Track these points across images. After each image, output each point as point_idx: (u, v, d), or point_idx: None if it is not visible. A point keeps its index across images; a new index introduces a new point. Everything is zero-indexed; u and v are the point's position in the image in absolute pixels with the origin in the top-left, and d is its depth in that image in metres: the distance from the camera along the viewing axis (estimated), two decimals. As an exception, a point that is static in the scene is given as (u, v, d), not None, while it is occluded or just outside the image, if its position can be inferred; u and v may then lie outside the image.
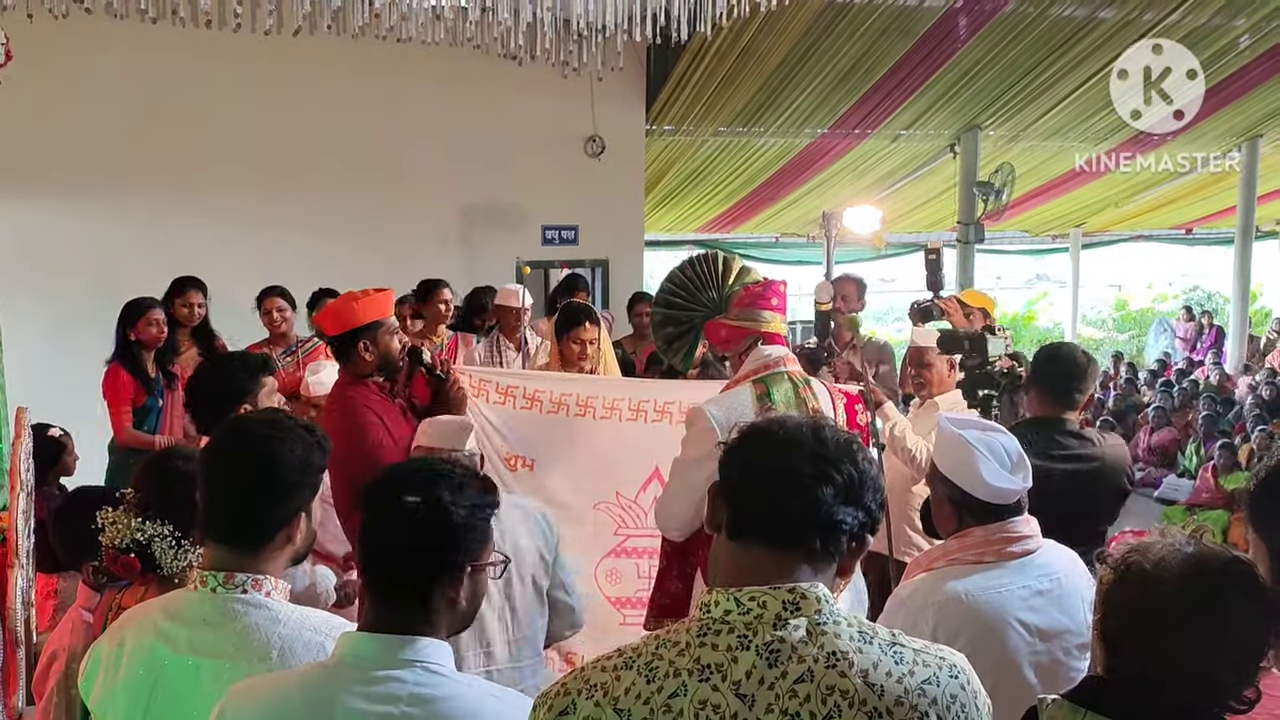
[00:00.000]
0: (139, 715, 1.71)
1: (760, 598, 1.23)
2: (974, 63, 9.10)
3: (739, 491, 1.32)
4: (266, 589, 1.74)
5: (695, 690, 1.19)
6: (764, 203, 12.85)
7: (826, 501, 1.27)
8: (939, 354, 4.09)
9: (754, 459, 1.32)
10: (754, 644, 1.20)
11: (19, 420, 3.60)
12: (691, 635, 1.24)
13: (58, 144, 7.22)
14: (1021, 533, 2.22)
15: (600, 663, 1.28)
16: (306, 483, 1.81)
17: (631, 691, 1.21)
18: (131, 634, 1.77)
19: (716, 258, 3.26)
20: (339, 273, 6.13)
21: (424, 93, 8.30)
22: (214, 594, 1.72)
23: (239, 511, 1.76)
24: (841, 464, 1.29)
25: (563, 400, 3.79)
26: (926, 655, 1.25)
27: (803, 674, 1.19)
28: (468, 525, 1.53)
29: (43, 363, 6.45)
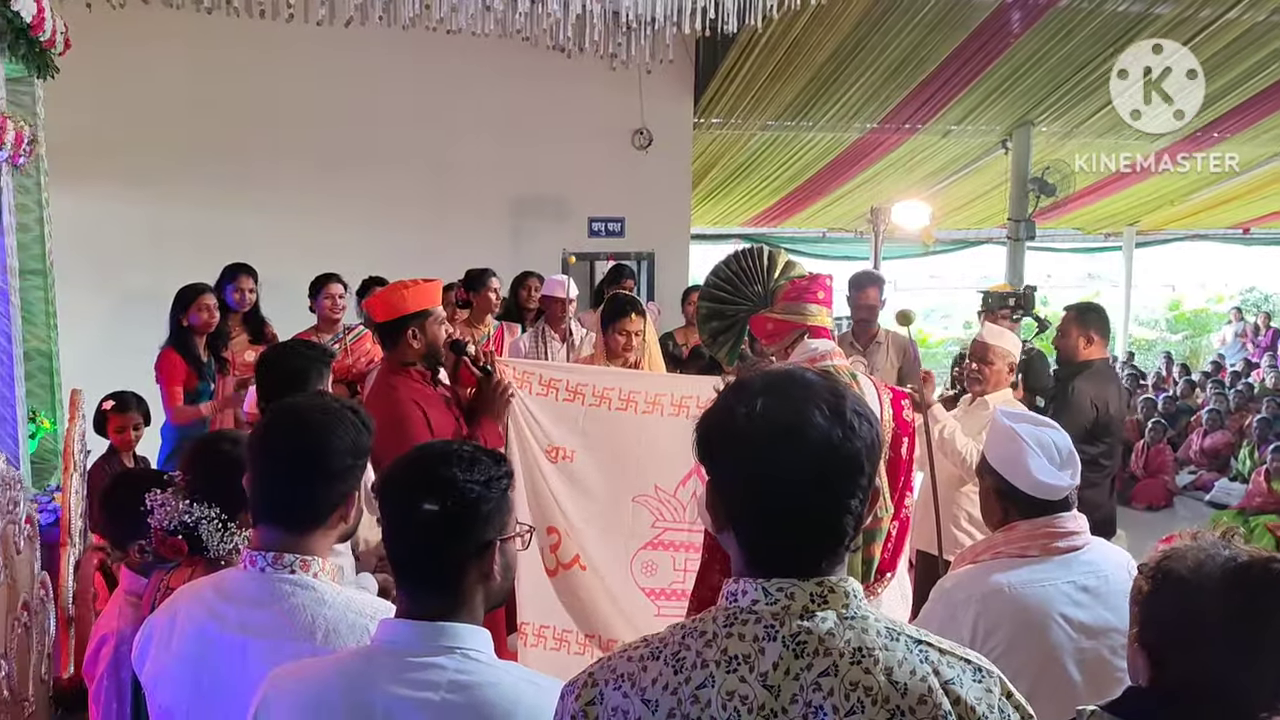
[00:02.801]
0: (189, 691, 1.74)
1: (789, 589, 1.22)
2: (1027, 57, 8.94)
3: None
4: (314, 570, 1.77)
5: (723, 681, 1.19)
6: (812, 197, 12.76)
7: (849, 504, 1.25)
8: (1003, 354, 4.06)
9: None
10: (781, 634, 1.20)
11: (73, 403, 3.68)
12: (718, 625, 1.23)
13: (115, 132, 7.36)
14: (1068, 528, 2.20)
15: (626, 652, 1.27)
16: (357, 465, 1.83)
17: (659, 682, 1.21)
18: (184, 610, 1.80)
19: (762, 252, 3.25)
20: (387, 262, 6.19)
21: (473, 84, 8.34)
22: (262, 574, 1.74)
23: (293, 495, 1.78)
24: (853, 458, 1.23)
25: (605, 394, 3.81)
26: (952, 657, 1.23)
27: (828, 667, 1.18)
28: (486, 499, 1.53)
29: (98, 347, 6.59)
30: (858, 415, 1.23)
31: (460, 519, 1.51)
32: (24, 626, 2.41)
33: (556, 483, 3.76)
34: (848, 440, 1.21)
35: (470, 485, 1.51)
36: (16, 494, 2.54)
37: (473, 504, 1.51)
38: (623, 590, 3.80)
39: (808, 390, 1.25)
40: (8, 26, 3.76)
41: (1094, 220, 15.10)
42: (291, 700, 1.50)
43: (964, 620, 2.10)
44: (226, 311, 5.29)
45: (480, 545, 1.53)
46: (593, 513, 3.80)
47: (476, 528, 1.52)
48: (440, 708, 1.44)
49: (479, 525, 1.53)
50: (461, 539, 1.51)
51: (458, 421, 3.52)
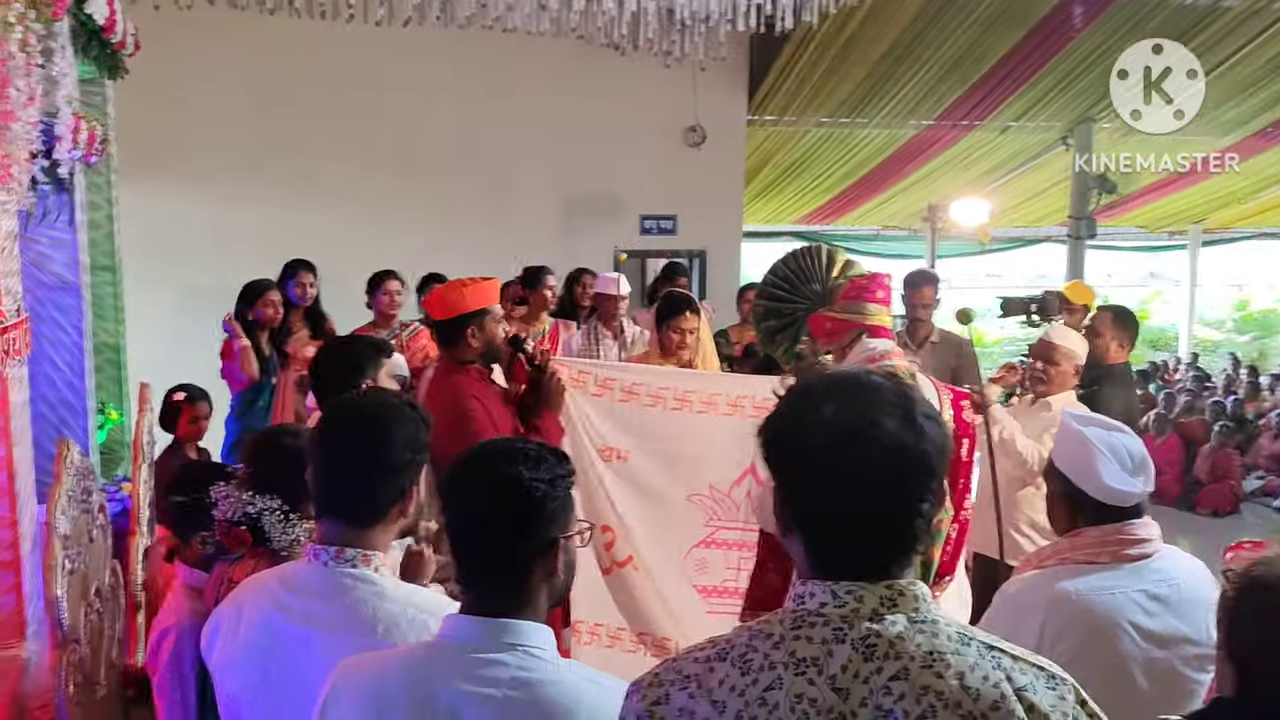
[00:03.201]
0: (257, 681, 1.78)
1: (858, 591, 1.20)
2: (1089, 52, 8.78)
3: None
4: (375, 564, 1.79)
5: (791, 684, 1.18)
6: (866, 195, 12.65)
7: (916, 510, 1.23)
8: (1069, 355, 3.99)
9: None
10: (850, 637, 1.19)
11: (141, 396, 3.77)
12: (785, 628, 1.22)
13: (181, 132, 7.52)
14: (1139, 535, 2.15)
15: (693, 654, 1.27)
16: (414, 460, 1.85)
17: (726, 684, 1.20)
18: (250, 601, 1.83)
19: (820, 250, 3.24)
20: (442, 259, 6.24)
21: (528, 82, 8.39)
22: (325, 567, 1.77)
23: (352, 490, 1.80)
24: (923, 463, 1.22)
25: (660, 393, 3.81)
26: (1025, 664, 1.21)
27: (898, 671, 1.17)
28: (551, 497, 1.54)
29: (165, 342, 6.74)
30: (926, 418, 1.22)
31: (527, 517, 1.52)
32: (96, 613, 2.48)
33: (610, 482, 3.77)
34: (918, 443, 1.20)
35: (536, 483, 1.52)
36: (90, 484, 2.62)
37: (539, 502, 1.52)
38: (674, 589, 3.80)
39: (876, 394, 1.23)
40: (81, 29, 3.85)
41: (1158, 218, 14.78)
42: (357, 692, 1.52)
43: (1029, 627, 2.06)
44: (288, 307, 5.38)
45: (545, 543, 1.54)
46: (646, 512, 3.80)
47: (543, 526, 1.53)
48: (502, 704, 1.45)
49: (545, 523, 1.53)
50: (528, 537, 1.52)
51: (514, 418, 3.55)
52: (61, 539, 2.20)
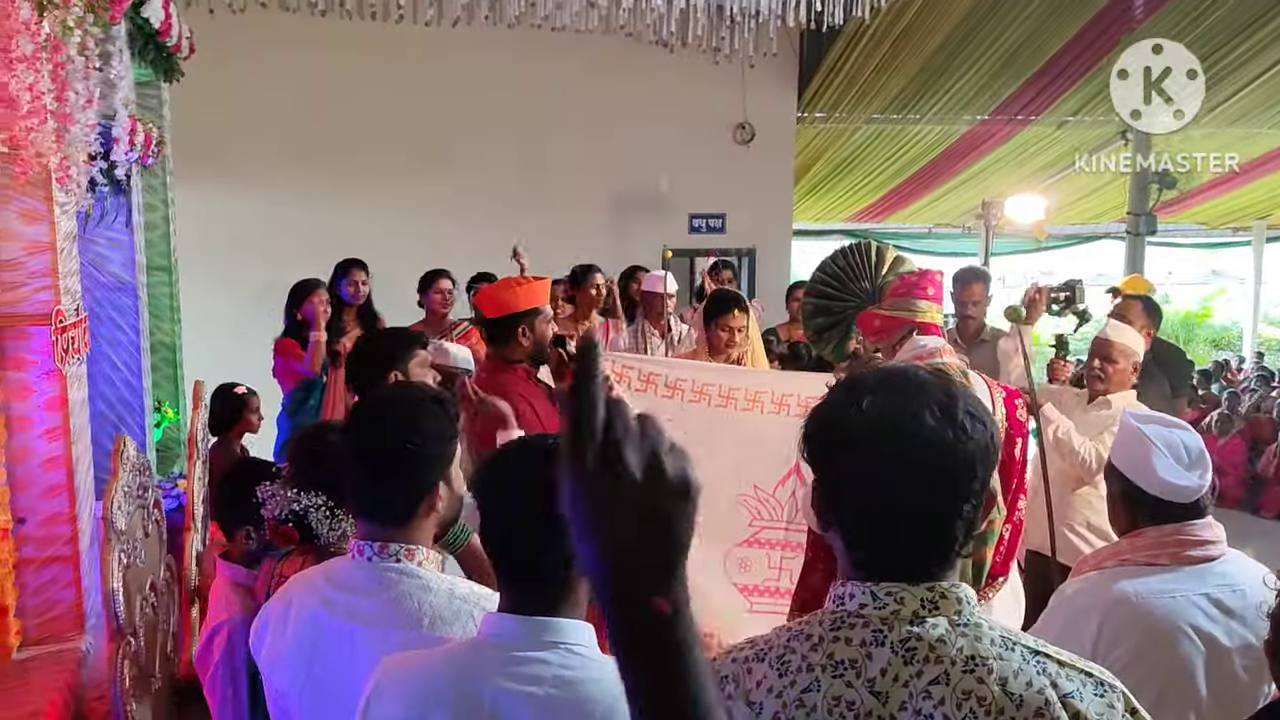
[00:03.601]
0: (302, 676, 1.79)
1: (898, 593, 1.18)
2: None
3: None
4: (418, 558, 1.80)
5: (829, 686, 1.16)
6: (918, 192, 12.49)
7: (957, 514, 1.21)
8: (1127, 352, 3.90)
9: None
10: (889, 640, 1.16)
11: (196, 393, 3.83)
12: (824, 629, 1.20)
13: (235, 133, 7.64)
14: (1201, 537, 2.09)
15: (731, 654, 1.26)
16: (440, 454, 1.84)
17: (764, 685, 1.19)
18: (297, 598, 1.85)
19: (870, 247, 3.19)
20: (492, 257, 6.28)
21: (576, 80, 8.40)
22: (369, 563, 1.78)
23: (380, 492, 1.81)
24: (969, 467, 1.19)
25: (705, 390, 3.78)
26: (1072, 670, 1.18)
27: (939, 675, 1.14)
28: None
29: (219, 341, 6.85)
30: (971, 416, 1.19)
31: (564, 524, 1.51)
32: (151, 607, 2.52)
33: None
34: (959, 442, 1.17)
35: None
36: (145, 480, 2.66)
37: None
38: (716, 586, 3.77)
39: (920, 389, 1.21)
40: (138, 33, 3.93)
41: (1220, 214, 14.41)
42: (401, 690, 1.52)
43: (1086, 629, 2.01)
44: (341, 305, 5.44)
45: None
46: None
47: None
48: (545, 702, 1.45)
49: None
50: (567, 537, 1.52)
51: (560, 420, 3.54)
52: (118, 534, 2.23)
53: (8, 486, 2.88)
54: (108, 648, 2.18)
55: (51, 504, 2.97)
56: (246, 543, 2.55)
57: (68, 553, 2.99)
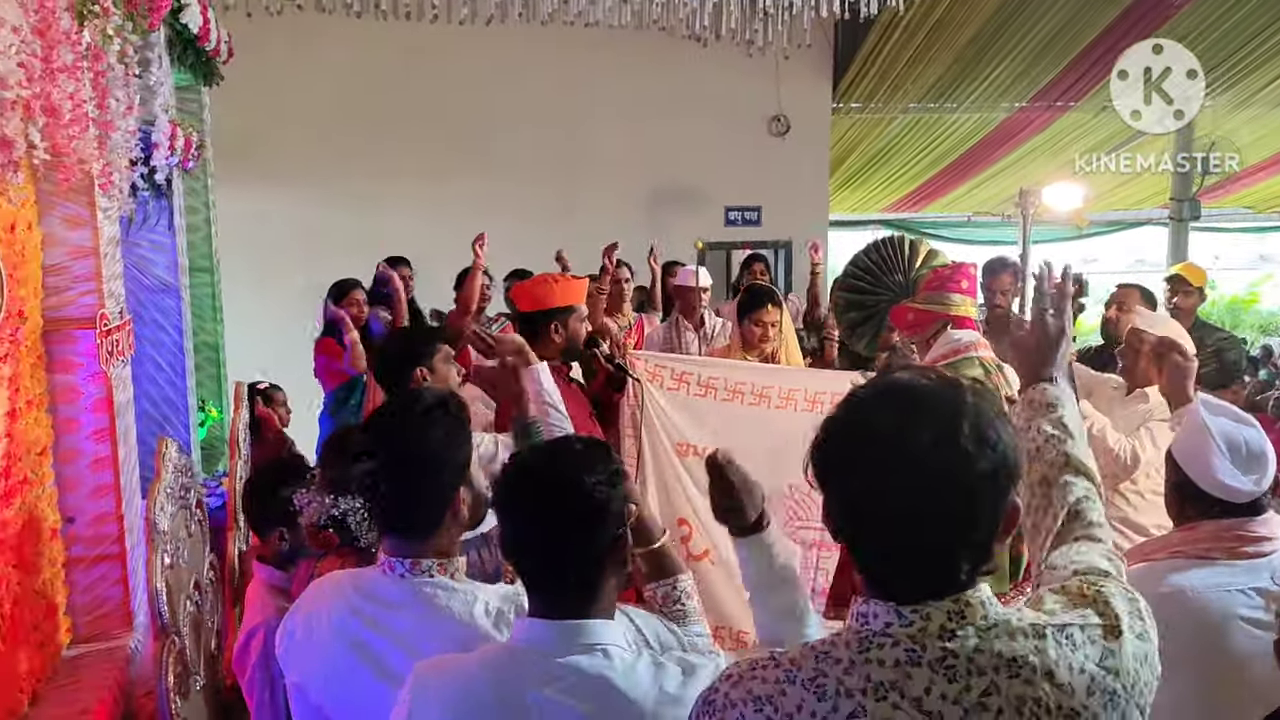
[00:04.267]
0: (336, 690, 1.78)
1: (923, 610, 1.15)
2: (1193, 27, 8.43)
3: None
4: (451, 570, 1.79)
5: (874, 709, 1.13)
6: (955, 181, 12.35)
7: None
8: None
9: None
10: (925, 659, 1.14)
11: (238, 393, 3.89)
12: (853, 651, 1.17)
13: (275, 135, 7.75)
14: (1258, 533, 2.06)
15: (756, 672, 1.21)
16: (454, 460, 1.82)
17: (804, 709, 1.15)
18: (327, 608, 1.83)
19: (903, 241, 3.17)
20: (528, 254, 6.30)
21: (610, 76, 8.41)
22: (402, 579, 1.77)
23: (399, 506, 1.80)
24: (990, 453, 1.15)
25: (738, 388, 3.77)
26: (1093, 629, 1.20)
27: (987, 687, 1.13)
28: (612, 498, 1.52)
29: (261, 340, 6.95)
30: (978, 440, 1.13)
31: (593, 523, 1.51)
32: (195, 605, 2.57)
33: (687, 478, 3.76)
34: (960, 467, 1.13)
35: (598, 486, 1.51)
36: (188, 480, 2.71)
37: (601, 505, 1.51)
38: None
39: (920, 408, 1.16)
40: (177, 38, 3.99)
41: (1267, 198, 14.11)
42: (442, 695, 1.52)
43: None
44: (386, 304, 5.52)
45: (610, 540, 1.53)
46: None
47: (607, 526, 1.53)
48: (589, 711, 1.45)
49: (609, 523, 1.53)
50: (595, 541, 1.52)
51: (592, 418, 3.56)
52: (161, 534, 2.28)
53: (56, 487, 2.95)
54: (153, 646, 2.22)
55: (99, 504, 3.03)
56: (280, 544, 2.56)
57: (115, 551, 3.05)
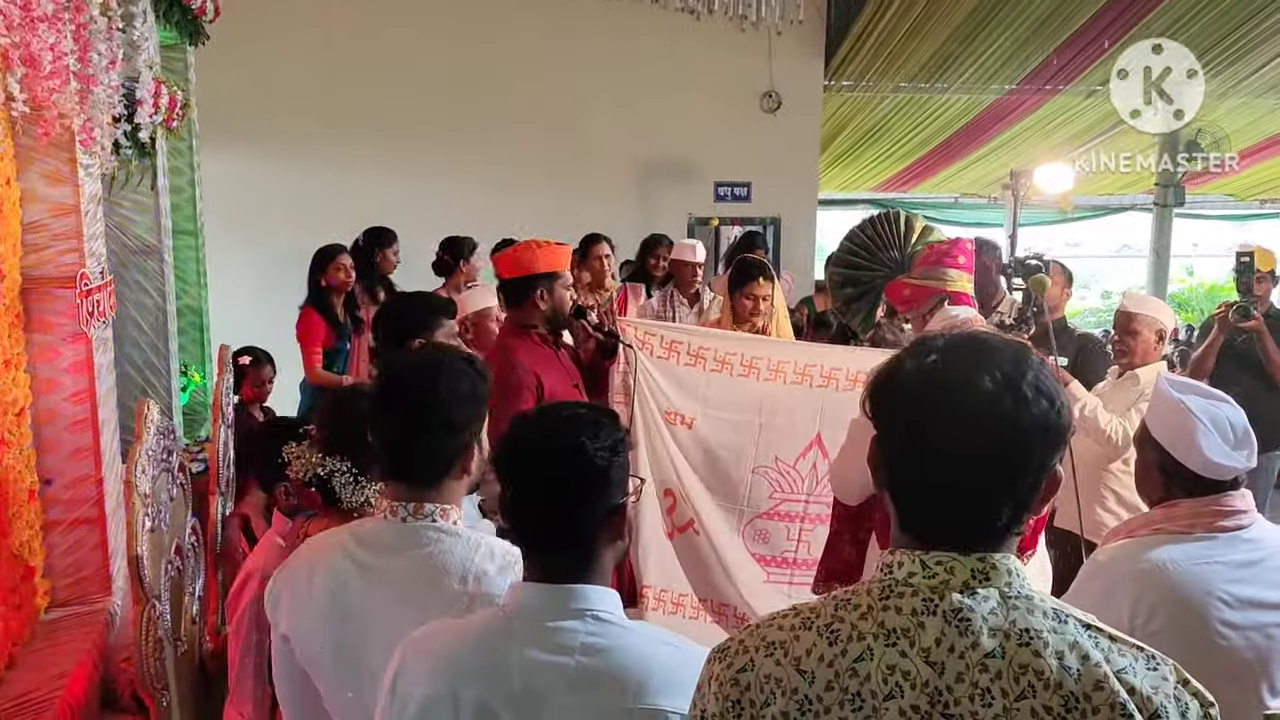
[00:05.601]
0: (331, 639, 1.78)
1: (948, 563, 1.16)
2: (1184, 11, 8.41)
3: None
4: (454, 518, 1.79)
5: (882, 655, 1.14)
6: (944, 161, 12.35)
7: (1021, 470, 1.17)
8: (1148, 322, 3.85)
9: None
10: (941, 609, 1.14)
11: (221, 357, 3.84)
12: (873, 598, 1.18)
13: (261, 97, 7.64)
14: (1235, 507, 2.07)
15: (775, 621, 1.24)
16: (474, 414, 1.83)
17: (814, 653, 1.17)
18: (322, 560, 1.82)
19: (898, 216, 3.15)
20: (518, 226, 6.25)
21: (602, 47, 8.34)
22: (404, 523, 1.76)
23: (413, 449, 1.79)
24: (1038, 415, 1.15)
25: (727, 358, 3.76)
26: (1124, 645, 1.16)
27: (994, 649, 1.12)
28: (615, 465, 1.51)
29: (245, 305, 6.88)
30: (1036, 390, 1.15)
31: (595, 489, 1.50)
32: (176, 570, 2.54)
33: (674, 449, 3.75)
34: (1017, 411, 1.14)
35: (601, 453, 1.49)
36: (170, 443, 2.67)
37: (603, 472, 1.50)
38: (734, 557, 3.78)
39: (985, 353, 1.17)
40: (162, -5, 3.90)
41: (1249, 186, 14.18)
42: (428, 663, 1.51)
43: (1122, 597, 2.00)
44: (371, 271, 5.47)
45: (611, 510, 1.52)
46: (709, 481, 3.77)
47: (608, 494, 1.51)
48: (575, 671, 1.44)
49: (610, 492, 1.51)
50: (595, 507, 1.50)
51: (577, 388, 3.53)
52: (141, 498, 2.24)
53: (34, 449, 2.90)
54: (134, 611, 2.19)
55: (78, 466, 2.99)
56: (285, 499, 2.56)
57: (94, 515, 3.01)
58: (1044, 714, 1.10)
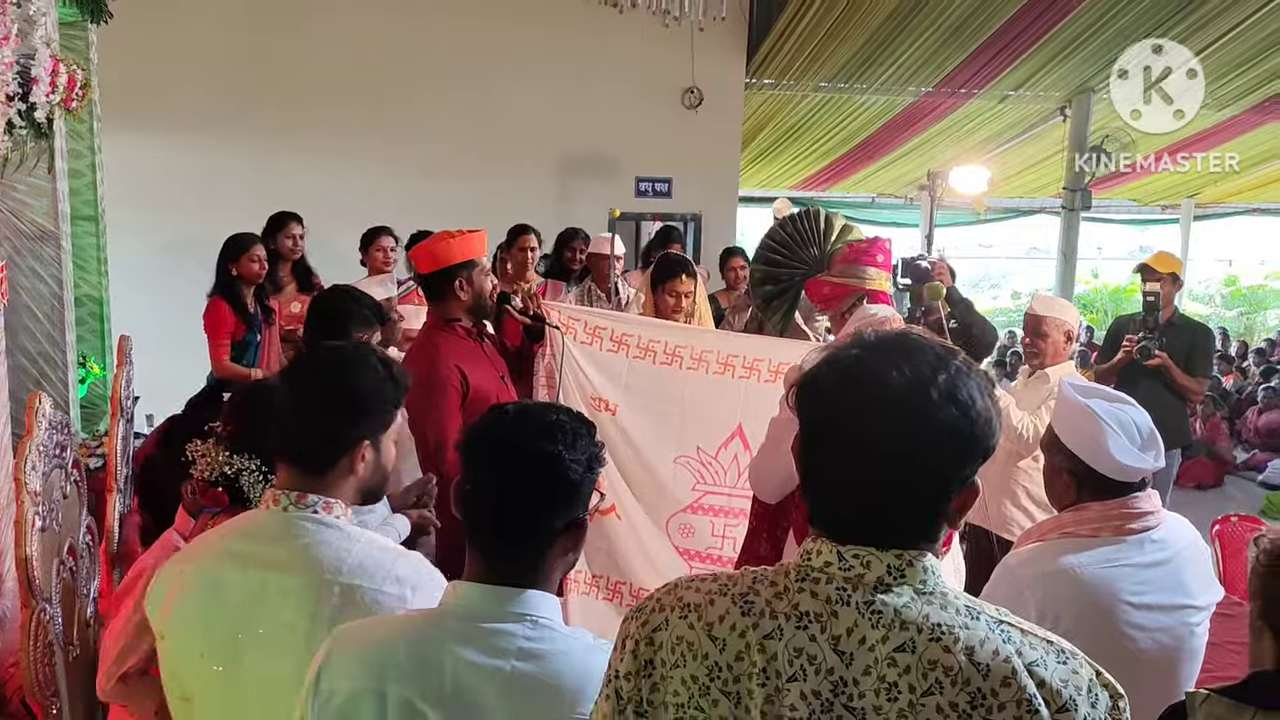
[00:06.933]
0: (200, 632, 1.71)
1: (865, 556, 1.16)
2: (1091, 22, 8.65)
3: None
4: (337, 512, 1.74)
5: (792, 636, 1.14)
6: (862, 161, 12.55)
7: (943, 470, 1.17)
8: (1056, 324, 3.94)
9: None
10: (854, 600, 1.14)
11: (121, 348, 3.69)
12: (790, 580, 1.18)
13: (168, 79, 7.39)
14: (1142, 509, 2.11)
15: (694, 583, 1.24)
16: (373, 411, 1.79)
17: (726, 620, 1.17)
18: (198, 557, 1.77)
19: (819, 214, 3.16)
20: (435, 217, 6.13)
21: (524, 39, 8.26)
22: (285, 512, 1.72)
23: (302, 430, 1.76)
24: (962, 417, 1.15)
25: (650, 346, 3.75)
26: (1034, 638, 1.16)
27: (904, 643, 1.12)
28: (587, 481, 1.48)
29: (148, 294, 6.65)
30: (948, 394, 1.14)
31: (562, 499, 1.47)
32: (70, 571, 2.42)
33: (598, 434, 3.72)
34: (924, 413, 1.13)
35: (574, 465, 1.46)
36: (64, 438, 2.55)
37: (575, 485, 1.47)
38: (656, 545, 3.77)
39: (904, 352, 1.17)
40: (61, -31, 3.73)
41: (1152, 191, 14.73)
42: (356, 659, 1.46)
43: (1030, 600, 2.02)
44: (275, 260, 5.28)
45: (572, 522, 1.49)
46: (632, 470, 3.76)
47: (573, 506, 1.48)
48: (510, 677, 1.40)
49: (576, 504, 1.49)
50: (558, 517, 1.47)
51: (503, 380, 3.48)
52: (32, 495, 2.13)
53: (-83, 443, 2.75)
54: (22, 614, 2.08)
55: (-35, 462, 2.84)
56: (191, 498, 2.46)
57: (-18, 513, 2.86)
58: (949, 710, 1.10)
